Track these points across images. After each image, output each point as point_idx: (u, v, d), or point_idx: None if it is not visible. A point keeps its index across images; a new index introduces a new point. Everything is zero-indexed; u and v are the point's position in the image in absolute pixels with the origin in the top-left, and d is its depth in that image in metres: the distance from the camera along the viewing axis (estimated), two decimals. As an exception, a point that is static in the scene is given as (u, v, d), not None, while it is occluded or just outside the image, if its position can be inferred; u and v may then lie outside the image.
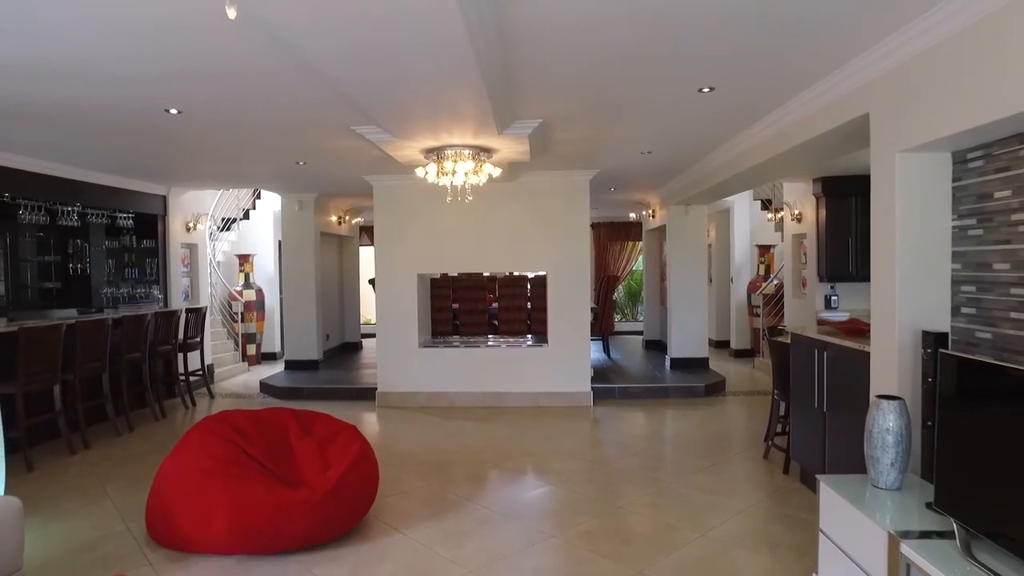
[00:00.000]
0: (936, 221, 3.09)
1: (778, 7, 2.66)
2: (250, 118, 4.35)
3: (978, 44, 2.53)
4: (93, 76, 3.34)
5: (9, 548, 2.76)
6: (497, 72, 3.34)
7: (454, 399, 7.12)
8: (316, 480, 3.66)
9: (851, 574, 2.61)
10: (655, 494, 4.37)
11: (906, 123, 3.03)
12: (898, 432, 2.72)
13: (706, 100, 4.03)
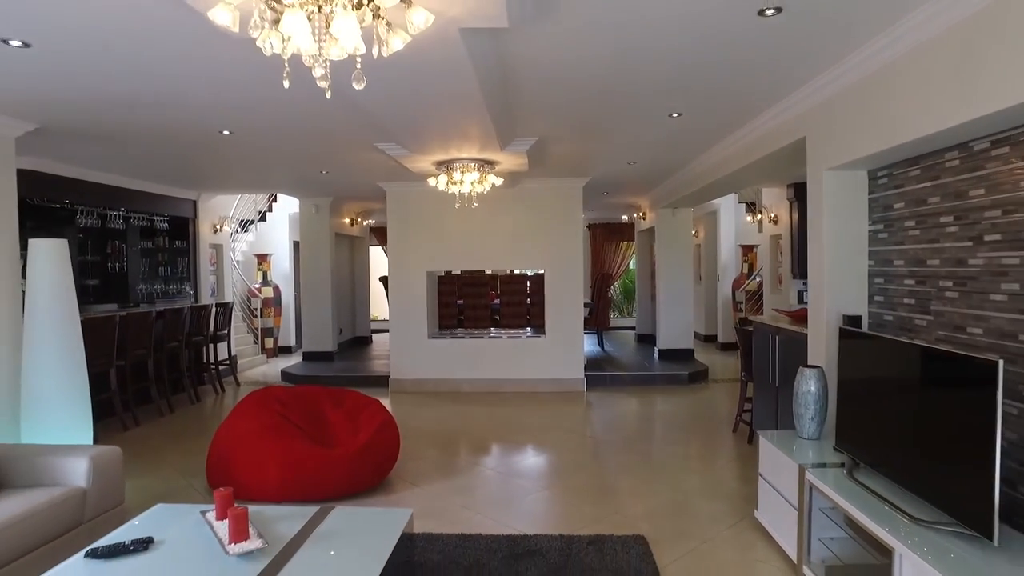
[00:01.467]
0: (855, 226, 3.82)
1: (729, 55, 3.37)
2: (289, 137, 5.08)
3: (877, 87, 3.26)
4: (171, 106, 4.06)
5: (115, 485, 3.49)
6: (499, 101, 4.07)
7: (460, 385, 7.85)
8: (348, 442, 4.40)
9: (778, 502, 3.35)
10: (635, 460, 5.10)
11: (831, 146, 3.75)
12: (816, 393, 3.45)
13: (676, 123, 4.76)
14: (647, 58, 3.35)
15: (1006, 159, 2.68)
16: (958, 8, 2.54)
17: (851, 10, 2.74)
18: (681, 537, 3.59)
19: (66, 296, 4.23)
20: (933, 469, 2.40)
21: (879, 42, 3.06)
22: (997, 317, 2.73)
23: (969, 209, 2.91)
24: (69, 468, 3.35)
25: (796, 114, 4.14)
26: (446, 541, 3.50)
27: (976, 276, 2.86)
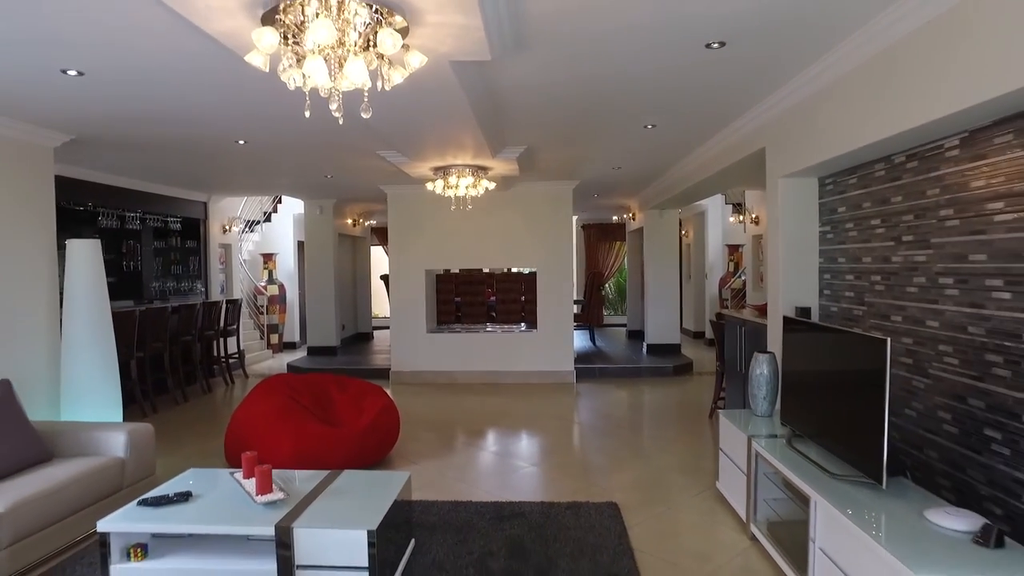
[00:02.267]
0: (807, 227, 4.27)
1: (687, 80, 3.82)
2: (298, 146, 5.53)
3: (817, 106, 3.71)
4: (196, 121, 4.52)
5: (148, 457, 3.96)
6: (488, 117, 4.52)
7: (457, 377, 8.31)
8: (353, 422, 4.85)
9: (733, 471, 3.81)
10: (616, 443, 5.55)
11: (785, 156, 4.21)
12: (768, 375, 3.91)
13: (652, 133, 5.22)
14: (615, 82, 3.80)
15: (916, 171, 3.14)
16: (869, 46, 3.00)
17: (785, 43, 3.19)
18: (649, 504, 4.05)
19: (99, 290, 4.69)
20: (846, 433, 2.86)
21: (813, 69, 3.52)
22: (911, 306, 3.18)
23: (891, 213, 3.37)
24: (110, 441, 3.82)
25: (756, 127, 4.60)
26: (441, 507, 3.96)
27: (896, 271, 3.32)
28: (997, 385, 2.56)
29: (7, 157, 4.40)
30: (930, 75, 2.60)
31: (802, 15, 2.82)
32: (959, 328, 2.81)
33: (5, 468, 3.34)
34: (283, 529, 2.65)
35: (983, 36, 2.30)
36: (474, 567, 3.15)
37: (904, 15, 2.70)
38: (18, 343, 4.47)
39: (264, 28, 2.23)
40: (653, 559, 3.27)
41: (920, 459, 3.07)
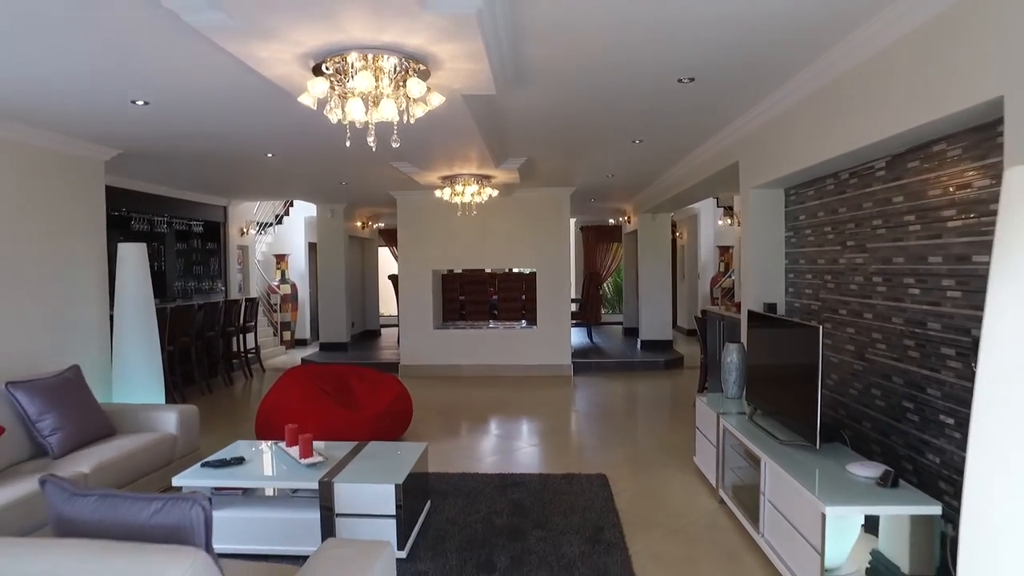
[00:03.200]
0: (774, 233, 4.83)
1: (667, 105, 4.37)
2: (321, 158, 6.10)
3: (777, 128, 4.28)
4: (234, 137, 5.07)
5: (195, 433, 4.53)
6: (493, 135, 5.08)
7: (462, 370, 8.87)
8: (371, 406, 5.42)
9: (706, 445, 4.37)
10: (607, 427, 6.12)
11: (755, 169, 4.77)
12: (737, 362, 4.47)
13: (640, 147, 5.78)
14: (602, 107, 4.37)
15: (856, 187, 3.71)
16: (812, 83, 3.57)
17: (745, 78, 3.75)
18: (633, 475, 4.62)
19: (145, 288, 5.26)
20: (792, 407, 3.42)
21: (772, 98, 4.09)
22: (853, 301, 3.75)
23: (838, 222, 3.93)
24: (163, 420, 4.39)
25: (730, 143, 5.16)
26: (451, 477, 4.53)
27: (842, 271, 3.88)
28: (911, 365, 3.12)
29: (66, 170, 4.97)
30: (857, 110, 3.16)
31: (752, 60, 3.39)
32: (885, 319, 3.37)
33: (82, 439, 3.91)
34: (325, 484, 3.22)
35: (890, 85, 2.86)
36: (481, 523, 3.72)
37: (833, 61, 3.27)
38: (76, 334, 5.04)
39: (317, 78, 2.80)
40: (634, 517, 3.84)
41: (860, 430, 3.63)
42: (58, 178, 4.89)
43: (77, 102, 3.91)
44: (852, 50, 3.17)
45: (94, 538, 1.69)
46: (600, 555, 3.29)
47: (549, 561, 3.23)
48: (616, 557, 3.27)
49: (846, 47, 3.16)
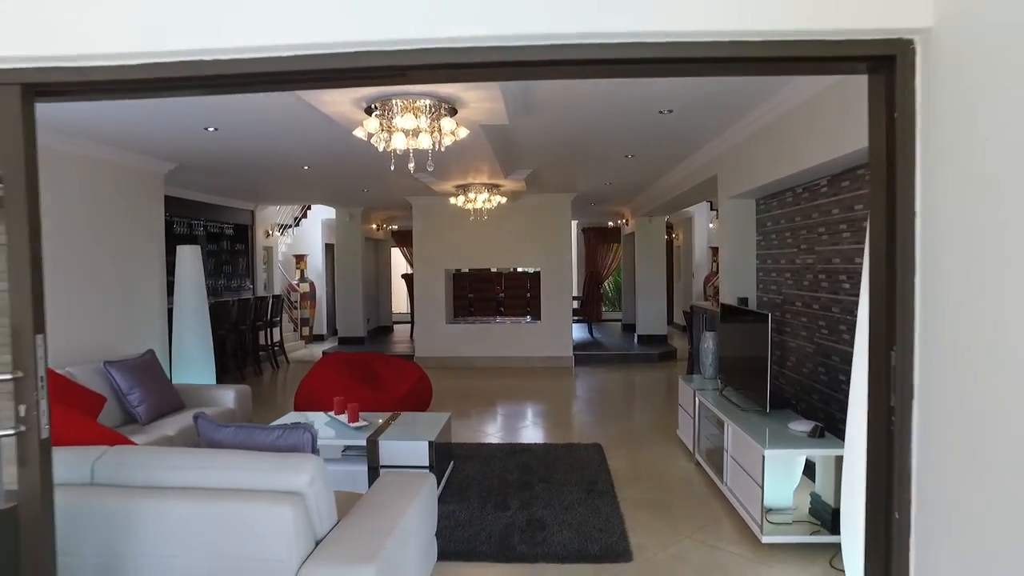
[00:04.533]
0: (747, 237, 5.58)
1: (651, 129, 5.13)
2: (350, 168, 6.86)
3: (743, 150, 5.04)
4: (279, 152, 5.84)
5: (247, 409, 5.32)
6: (504, 152, 5.85)
7: (472, 361, 9.64)
8: (396, 388, 6.19)
9: (686, 418, 5.13)
10: (603, 409, 6.89)
11: (730, 182, 5.52)
12: (712, 348, 5.22)
13: (632, 162, 6.54)
14: (597, 130, 5.14)
15: (807, 199, 4.46)
16: (768, 116, 4.33)
17: (713, 110, 4.51)
18: (624, 445, 5.38)
19: (200, 285, 6.04)
20: (751, 381, 4.17)
21: (738, 125, 4.85)
22: (806, 295, 4.50)
23: (795, 228, 4.68)
24: (223, 396, 5.17)
25: (710, 159, 5.92)
26: (468, 446, 5.30)
27: (798, 269, 4.63)
28: (845, 345, 3.88)
29: (132, 181, 5.75)
30: (798, 142, 3.92)
31: (714, 100, 4.16)
32: (827, 308, 4.13)
33: (161, 410, 4.69)
34: (372, 441, 3.99)
35: (812, 127, 3.62)
36: (496, 478, 4.48)
37: (773, 106, 4.03)
38: (143, 324, 5.82)
39: (371, 118, 3.58)
40: (623, 475, 4.60)
41: (810, 400, 4.39)
42: (127, 188, 5.67)
43: (163, 131, 4.69)
44: (779, 103, 3.93)
45: (239, 452, 2.46)
46: (594, 500, 4.06)
47: (552, 504, 3.99)
48: (607, 501, 4.03)
49: (774, 101, 3.93)
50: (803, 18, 1.57)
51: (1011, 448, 1.30)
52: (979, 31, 1.40)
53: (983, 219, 1.39)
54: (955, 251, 1.49)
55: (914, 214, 1.62)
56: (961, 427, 1.46)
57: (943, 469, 1.53)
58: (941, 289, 1.54)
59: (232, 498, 2.22)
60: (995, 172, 1.35)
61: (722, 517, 3.84)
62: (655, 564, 3.26)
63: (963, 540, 1.45)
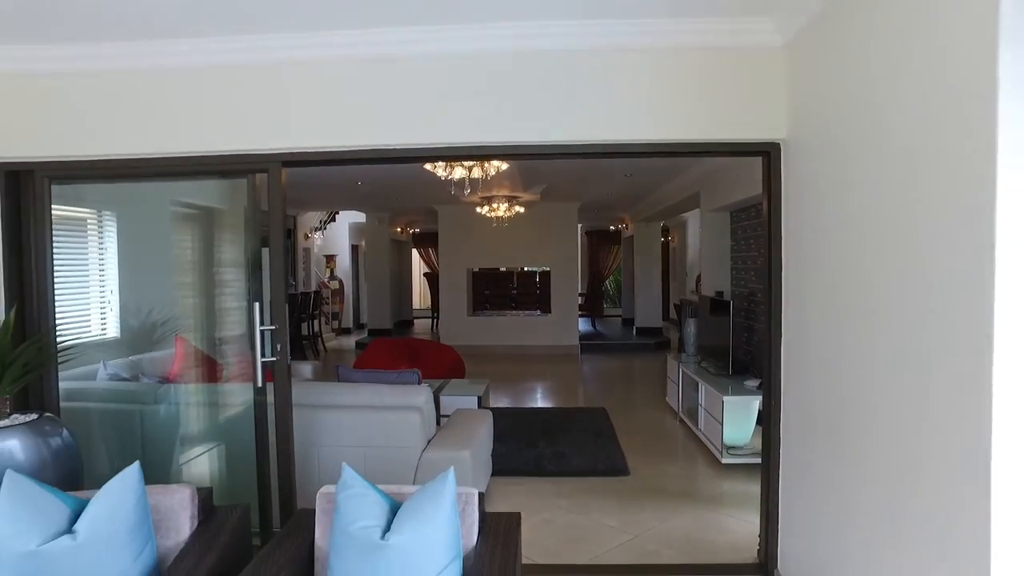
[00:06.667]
0: (723, 242, 6.92)
1: (643, 156, 6.47)
2: (396, 181, 8.21)
3: (720, 173, 6.37)
4: (340, 175, 7.18)
5: (320, 378, 6.66)
6: (527, 173, 7.19)
7: (490, 349, 10.98)
8: (437, 366, 7.52)
9: (672, 385, 6.48)
10: (605, 386, 8.24)
11: (709, 198, 6.86)
12: (694, 330, 6.56)
13: (629, 180, 7.89)
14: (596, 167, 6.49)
15: (764, 215, 5.80)
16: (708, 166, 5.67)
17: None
18: (624, 409, 6.72)
19: (277, 281, 7.40)
20: (720, 352, 5.50)
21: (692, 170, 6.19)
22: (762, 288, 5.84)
23: (757, 236, 6.02)
24: (304, 369, 6.49)
25: (691, 179, 7.27)
26: (500, 410, 6.62)
27: (758, 268, 5.97)
28: (787, 324, 5.22)
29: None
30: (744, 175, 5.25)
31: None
32: (777, 298, 5.47)
33: (264, 377, 6.03)
34: (436, 395, 5.33)
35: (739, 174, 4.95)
36: (525, 429, 5.82)
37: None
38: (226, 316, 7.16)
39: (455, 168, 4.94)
40: (623, 428, 5.93)
41: (763, 369, 5.73)
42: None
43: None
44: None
45: (374, 386, 3.81)
46: (601, 442, 5.40)
47: (570, 443, 5.33)
48: (611, 443, 5.37)
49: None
50: (726, 132, 2.92)
51: (820, 421, 2.63)
52: (803, 144, 2.74)
53: (808, 250, 2.73)
54: (791, 278, 2.83)
55: (781, 240, 2.96)
56: (800, 406, 2.80)
57: (789, 426, 2.88)
58: (787, 304, 2.89)
59: (379, 410, 3.57)
60: (812, 213, 2.69)
61: (696, 453, 5.18)
62: (646, 477, 4.61)
63: (798, 461, 2.80)
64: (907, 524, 1.87)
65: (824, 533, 2.53)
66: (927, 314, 1.78)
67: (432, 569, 2.00)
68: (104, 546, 2.05)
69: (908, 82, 1.87)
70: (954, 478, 1.65)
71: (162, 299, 4.67)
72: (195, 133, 3.04)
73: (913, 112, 1.85)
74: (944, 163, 1.69)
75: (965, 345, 1.60)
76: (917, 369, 1.83)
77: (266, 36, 2.88)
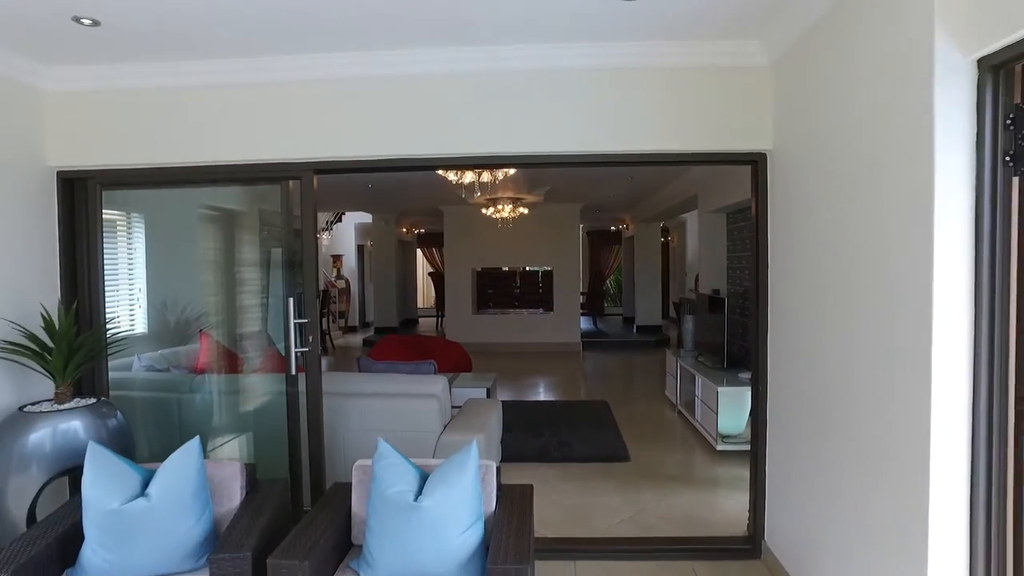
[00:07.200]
0: (719, 242, 7.22)
1: (643, 160, 6.77)
2: (406, 187, 8.52)
3: (715, 177, 6.68)
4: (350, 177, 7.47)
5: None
6: (532, 175, 7.49)
7: (495, 347, 11.28)
8: (446, 360, 7.83)
9: (671, 379, 6.78)
10: (606, 381, 8.53)
11: (706, 200, 7.16)
12: (692, 327, 6.87)
13: (631, 182, 8.20)
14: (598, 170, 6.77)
15: (757, 217, 6.11)
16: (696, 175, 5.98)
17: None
18: (624, 402, 7.03)
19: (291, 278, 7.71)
20: (716, 347, 5.80)
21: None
22: (757, 286, 6.15)
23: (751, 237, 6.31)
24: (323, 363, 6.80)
25: (689, 182, 7.58)
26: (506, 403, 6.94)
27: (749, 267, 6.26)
28: (779, 320, 5.52)
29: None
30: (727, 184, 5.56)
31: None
32: (769, 295, 5.78)
33: (282, 370, 6.34)
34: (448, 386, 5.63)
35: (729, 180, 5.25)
36: (530, 420, 6.13)
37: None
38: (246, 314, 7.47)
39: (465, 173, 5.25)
40: (623, 419, 6.24)
41: (757, 363, 6.04)
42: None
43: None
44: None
45: (394, 375, 4.12)
46: (603, 431, 5.71)
47: (573, 432, 5.64)
48: (612, 432, 5.68)
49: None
50: (719, 143, 3.22)
51: (803, 406, 2.93)
52: (787, 154, 3.05)
53: (792, 252, 3.04)
54: (777, 277, 3.14)
55: (767, 242, 3.27)
56: (785, 393, 3.11)
57: (773, 413, 3.18)
58: (772, 301, 3.20)
59: (400, 398, 3.88)
60: (796, 218, 2.99)
61: (693, 442, 5.49)
62: (645, 462, 4.91)
63: (783, 443, 3.11)
64: (878, 492, 2.17)
65: (806, 506, 2.84)
66: (893, 308, 2.08)
67: (458, 528, 2.31)
68: (172, 507, 2.36)
69: (872, 102, 2.18)
70: (909, 445, 1.96)
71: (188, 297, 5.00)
72: (237, 143, 3.35)
73: (875, 129, 2.16)
74: (899, 176, 2.00)
75: (916, 335, 1.91)
76: (885, 359, 2.12)
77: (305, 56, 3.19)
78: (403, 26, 2.89)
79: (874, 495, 2.19)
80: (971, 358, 1.79)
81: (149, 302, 4.92)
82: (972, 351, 1.79)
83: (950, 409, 1.81)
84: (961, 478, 1.82)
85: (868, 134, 2.20)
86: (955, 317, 1.79)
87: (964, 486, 1.82)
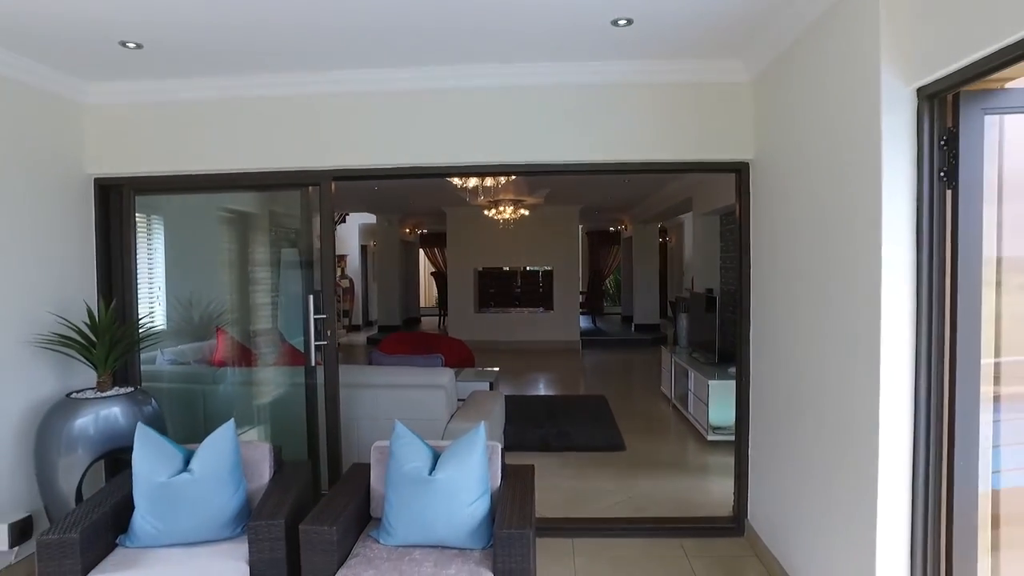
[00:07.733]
0: (712, 243, 7.50)
1: (640, 164, 7.06)
2: (408, 190, 8.79)
3: (707, 182, 6.96)
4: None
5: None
6: (532, 181, 7.77)
7: (496, 344, 11.55)
8: (450, 356, 8.09)
9: (666, 374, 7.06)
10: (604, 377, 8.81)
11: (700, 203, 7.44)
12: (686, 324, 7.15)
13: (627, 184, 8.48)
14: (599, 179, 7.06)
15: (748, 219, 6.40)
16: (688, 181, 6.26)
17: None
18: (622, 397, 7.31)
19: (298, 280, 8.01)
20: (708, 343, 6.08)
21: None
22: (748, 285, 6.43)
23: (742, 239, 6.61)
24: (330, 358, 7.09)
25: (684, 185, 7.86)
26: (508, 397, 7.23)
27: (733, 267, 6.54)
28: (768, 318, 5.80)
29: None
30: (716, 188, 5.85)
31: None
32: (759, 294, 6.06)
33: (293, 366, 6.63)
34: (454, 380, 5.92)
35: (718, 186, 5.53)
36: (531, 412, 6.41)
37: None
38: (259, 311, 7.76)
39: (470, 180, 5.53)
40: (620, 412, 6.52)
41: (748, 358, 6.32)
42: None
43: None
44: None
45: (404, 368, 4.40)
46: (600, 423, 5.99)
47: (572, 424, 5.92)
48: (609, 424, 5.96)
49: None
50: (705, 153, 3.51)
51: (781, 395, 3.22)
52: (767, 163, 3.33)
53: (772, 253, 3.32)
54: (758, 276, 3.42)
55: (750, 244, 3.56)
56: (765, 384, 3.39)
57: (755, 402, 3.47)
58: (754, 299, 3.48)
59: (410, 388, 4.17)
60: (775, 222, 3.27)
61: (685, 433, 5.77)
62: (640, 452, 5.19)
63: (764, 430, 3.39)
64: (841, 471, 2.45)
65: (783, 487, 3.12)
66: (853, 303, 2.36)
67: (468, 499, 2.59)
68: (212, 481, 2.64)
69: (834, 120, 2.46)
70: (863, 425, 2.24)
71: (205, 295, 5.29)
72: (262, 152, 3.63)
73: (836, 144, 2.44)
74: (856, 187, 2.28)
75: (868, 328, 2.20)
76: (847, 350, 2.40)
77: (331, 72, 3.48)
78: (420, 47, 3.18)
79: (837, 473, 2.47)
80: (913, 346, 2.07)
81: (168, 300, 5.21)
82: (914, 340, 2.07)
83: (895, 390, 2.09)
84: (904, 454, 2.10)
85: (832, 148, 2.48)
86: (900, 310, 2.08)
87: (907, 461, 2.10)
